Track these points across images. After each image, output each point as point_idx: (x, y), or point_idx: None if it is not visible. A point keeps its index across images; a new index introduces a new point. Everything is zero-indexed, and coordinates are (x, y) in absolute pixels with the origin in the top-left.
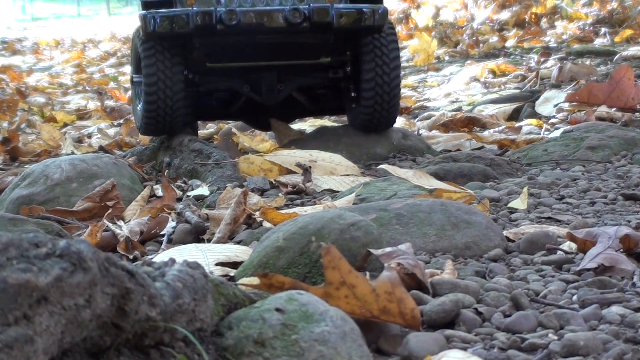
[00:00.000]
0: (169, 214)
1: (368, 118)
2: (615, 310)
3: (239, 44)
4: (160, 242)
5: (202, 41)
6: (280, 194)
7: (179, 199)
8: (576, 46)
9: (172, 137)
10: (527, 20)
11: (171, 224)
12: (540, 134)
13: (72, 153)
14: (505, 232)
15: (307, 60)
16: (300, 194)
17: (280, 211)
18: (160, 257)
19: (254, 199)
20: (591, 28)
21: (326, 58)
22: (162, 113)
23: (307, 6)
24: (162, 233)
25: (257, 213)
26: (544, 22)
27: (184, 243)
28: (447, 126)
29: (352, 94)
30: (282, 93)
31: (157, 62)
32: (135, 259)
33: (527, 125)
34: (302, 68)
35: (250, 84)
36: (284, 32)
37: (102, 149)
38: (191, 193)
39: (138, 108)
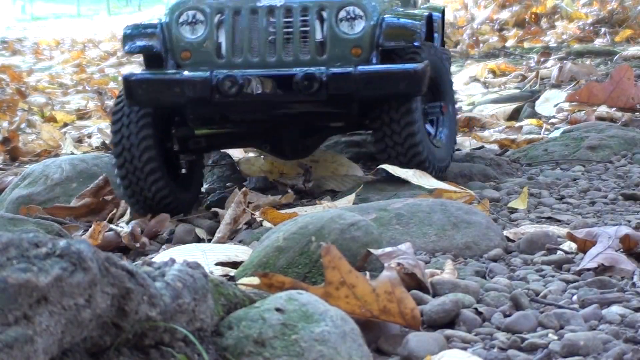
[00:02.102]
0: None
1: (385, 157)
2: (615, 310)
3: (243, 113)
4: (160, 241)
5: (196, 113)
6: (289, 191)
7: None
8: (576, 46)
9: None
10: (527, 20)
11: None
12: (540, 133)
13: (72, 153)
14: (505, 232)
15: (330, 124)
16: (300, 194)
17: (280, 211)
18: (160, 257)
19: (261, 197)
20: (591, 28)
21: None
22: (140, 198)
23: (323, 70)
24: (161, 232)
25: (257, 213)
26: (544, 22)
27: (184, 243)
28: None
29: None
30: (310, 147)
31: (124, 132)
32: (138, 254)
33: (527, 125)
34: (327, 120)
35: (270, 142)
36: (295, 103)
37: (104, 144)
38: None
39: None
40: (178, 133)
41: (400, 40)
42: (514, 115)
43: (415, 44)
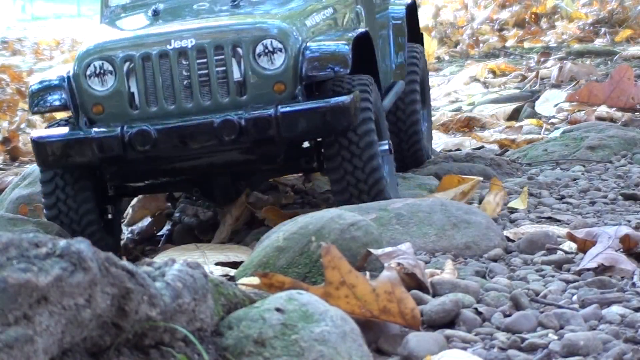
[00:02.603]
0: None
1: (344, 198)
2: (615, 310)
3: (163, 166)
4: (159, 242)
5: (113, 171)
6: (287, 191)
7: (177, 199)
8: (576, 46)
9: None
10: (527, 20)
11: (168, 225)
12: (540, 133)
13: None
14: (505, 232)
15: (261, 167)
16: (300, 194)
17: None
18: (160, 257)
19: (262, 198)
20: (591, 28)
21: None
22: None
23: (242, 114)
24: (160, 233)
25: (259, 212)
26: (544, 22)
27: (184, 243)
28: (447, 126)
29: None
30: (241, 191)
31: (59, 193)
32: (136, 258)
33: (527, 125)
34: (259, 164)
35: (201, 187)
36: (217, 151)
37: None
38: None
39: None
40: (112, 182)
41: (326, 69)
42: (514, 115)
43: (343, 70)
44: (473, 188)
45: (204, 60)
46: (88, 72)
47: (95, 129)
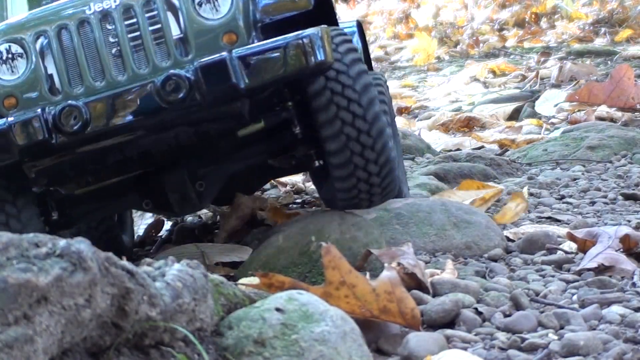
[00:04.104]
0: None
1: (348, 196)
2: (615, 310)
3: (104, 152)
4: (159, 242)
5: (38, 168)
6: (282, 191)
7: None
8: (576, 46)
9: None
10: (527, 20)
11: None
12: (540, 133)
13: None
14: (505, 232)
15: (224, 143)
16: (300, 194)
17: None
18: (160, 257)
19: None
20: (591, 28)
21: (256, 124)
22: None
23: (189, 67)
24: (159, 234)
25: (259, 212)
26: (544, 22)
27: (184, 243)
28: (447, 126)
29: (316, 163)
30: (206, 195)
31: None
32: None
33: (527, 125)
34: (225, 148)
35: (152, 196)
36: (166, 121)
37: None
38: None
39: None
40: (37, 184)
41: (285, 9)
42: (514, 115)
43: (304, 8)
44: (494, 196)
45: (133, 20)
46: None
47: (11, 117)
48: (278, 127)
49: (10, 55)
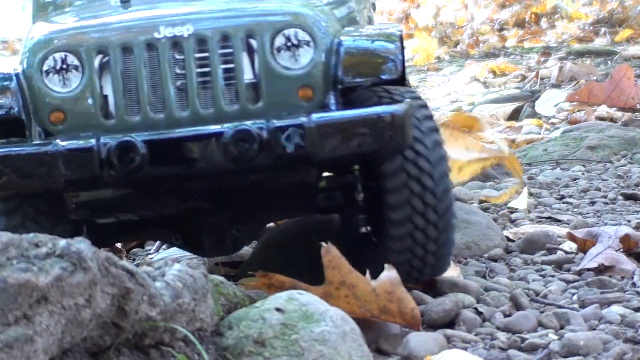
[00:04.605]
0: None
1: (399, 270)
2: (615, 310)
3: (149, 195)
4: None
5: (80, 201)
6: None
7: None
8: (576, 46)
9: None
10: (527, 20)
11: None
12: (540, 133)
13: None
14: (505, 232)
15: (276, 194)
16: None
17: None
18: (161, 256)
19: None
20: (591, 28)
21: (318, 182)
22: None
23: (262, 124)
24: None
25: None
26: (544, 22)
27: None
28: (447, 126)
29: (362, 229)
30: (241, 242)
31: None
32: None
33: (527, 125)
34: (272, 197)
35: (184, 233)
36: (225, 172)
37: None
38: None
39: None
40: (77, 214)
41: (370, 72)
42: (514, 115)
43: (391, 75)
44: (493, 162)
45: (205, 54)
46: (45, 67)
47: (60, 141)
48: (338, 189)
49: (64, 66)
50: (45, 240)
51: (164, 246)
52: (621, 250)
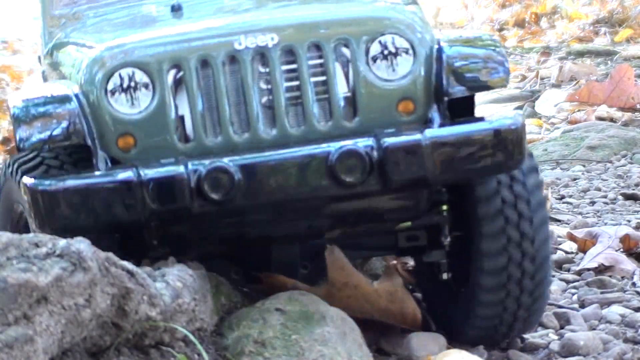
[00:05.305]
0: None
1: (484, 324)
2: (615, 310)
3: (242, 229)
4: None
5: (162, 235)
6: None
7: None
8: (576, 46)
9: None
10: (527, 20)
11: None
12: (540, 133)
13: None
14: None
15: (362, 227)
16: None
17: None
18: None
19: None
20: (591, 28)
21: (403, 223)
22: None
23: (370, 142)
24: None
25: None
26: (544, 22)
27: None
28: None
29: (444, 275)
30: (307, 279)
31: None
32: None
33: (527, 125)
34: (351, 235)
35: (245, 267)
36: (327, 204)
37: None
38: None
39: None
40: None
41: (479, 83)
42: None
43: (501, 85)
44: None
45: (294, 66)
46: (110, 87)
47: (147, 169)
48: (423, 229)
49: (132, 84)
50: (45, 240)
51: None
52: (621, 250)
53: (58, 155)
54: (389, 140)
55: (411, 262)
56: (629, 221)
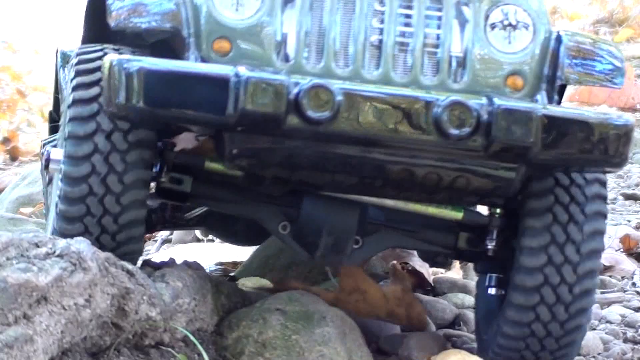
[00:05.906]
0: None
1: (508, 344)
2: (615, 310)
3: (320, 156)
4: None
5: (246, 146)
6: None
7: None
8: None
9: None
10: None
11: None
12: None
13: None
14: None
15: (428, 207)
16: None
17: None
18: (160, 256)
19: None
20: (591, 28)
21: (456, 211)
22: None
23: (483, 102)
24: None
25: None
26: None
27: (184, 243)
28: None
29: (493, 290)
30: (355, 255)
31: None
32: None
33: None
34: (409, 217)
35: (294, 222)
36: (424, 152)
37: None
38: None
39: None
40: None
41: (595, 76)
42: None
43: (615, 86)
44: None
45: (411, 12)
46: None
47: (243, 69)
48: (470, 228)
49: None
50: (45, 240)
51: (164, 246)
52: (621, 250)
53: (134, 52)
54: (502, 103)
55: (411, 263)
56: (629, 221)
